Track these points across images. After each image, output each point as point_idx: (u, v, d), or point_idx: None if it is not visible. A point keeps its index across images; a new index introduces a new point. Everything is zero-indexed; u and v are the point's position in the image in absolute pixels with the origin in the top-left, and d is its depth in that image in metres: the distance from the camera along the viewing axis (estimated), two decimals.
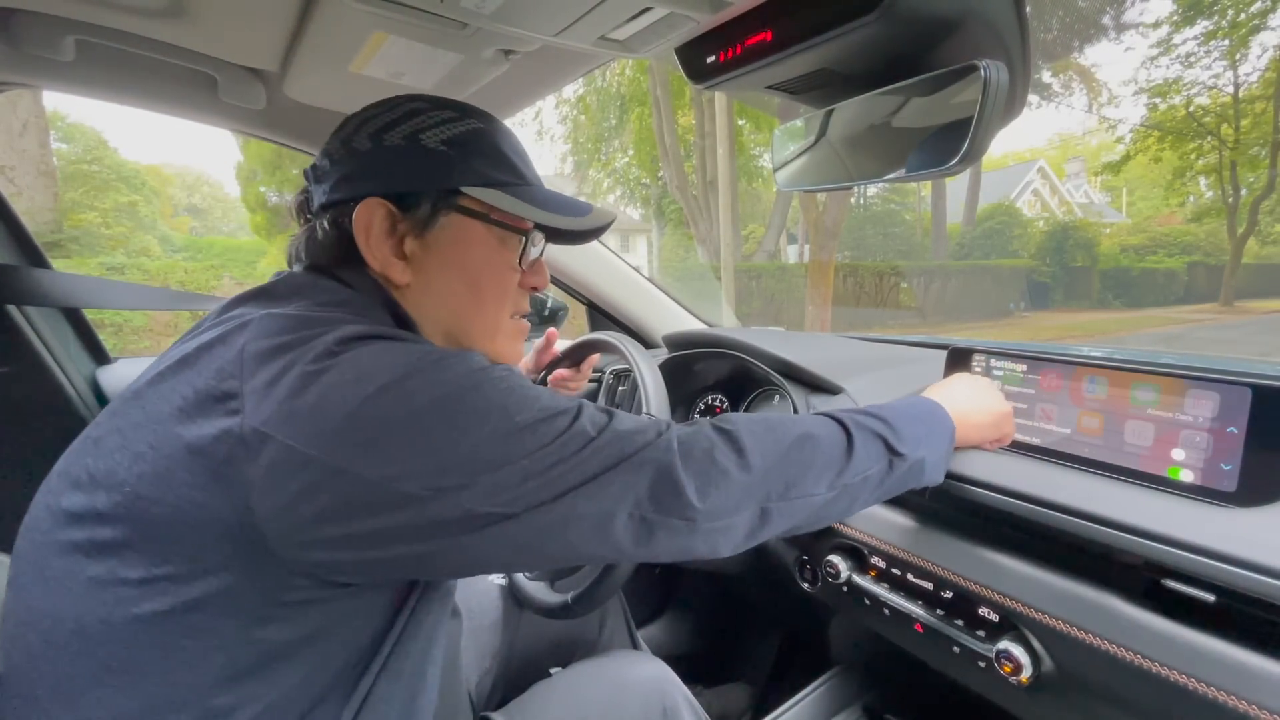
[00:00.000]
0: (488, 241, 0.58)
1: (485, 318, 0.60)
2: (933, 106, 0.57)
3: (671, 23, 0.64)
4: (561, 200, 0.61)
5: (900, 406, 0.65)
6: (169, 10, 0.73)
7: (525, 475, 0.43)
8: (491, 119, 0.60)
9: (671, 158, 11.43)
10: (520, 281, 0.62)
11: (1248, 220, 13.96)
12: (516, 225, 0.58)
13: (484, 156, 0.57)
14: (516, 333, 0.64)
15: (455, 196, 0.56)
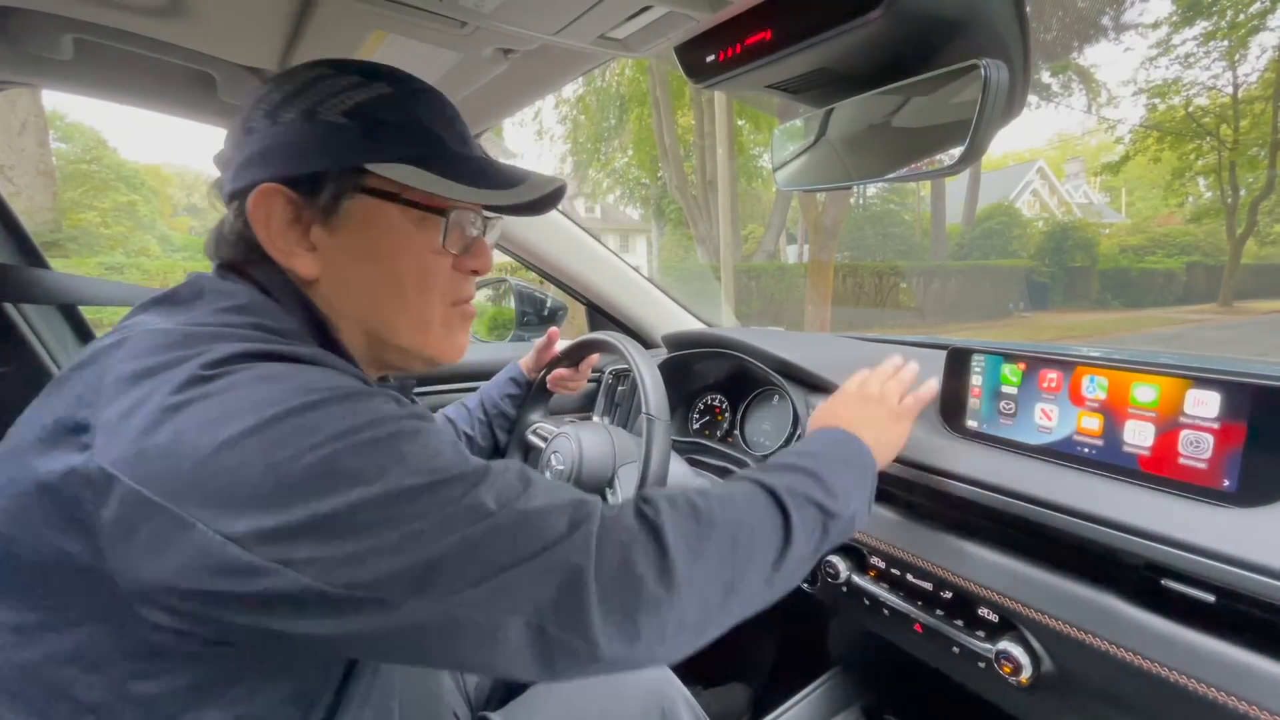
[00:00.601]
0: (403, 225, 0.51)
1: (410, 310, 0.54)
2: (933, 106, 0.57)
3: (671, 21, 0.63)
4: (489, 171, 0.54)
5: (825, 450, 0.60)
6: (168, 9, 0.72)
7: (396, 551, 0.36)
8: (407, 80, 0.53)
9: (671, 158, 11.43)
10: (456, 265, 0.56)
11: (1247, 221, 13.98)
12: (433, 205, 0.52)
13: (393, 126, 0.50)
14: (456, 323, 0.58)
15: (361, 176, 0.49)
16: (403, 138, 0.50)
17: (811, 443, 0.63)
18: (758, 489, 0.53)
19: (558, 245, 1.37)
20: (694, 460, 1.13)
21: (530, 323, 1.40)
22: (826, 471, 0.56)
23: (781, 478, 0.54)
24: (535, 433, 1.06)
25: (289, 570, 0.35)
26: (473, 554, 0.38)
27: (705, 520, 0.47)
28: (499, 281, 1.42)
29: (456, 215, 0.53)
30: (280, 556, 0.35)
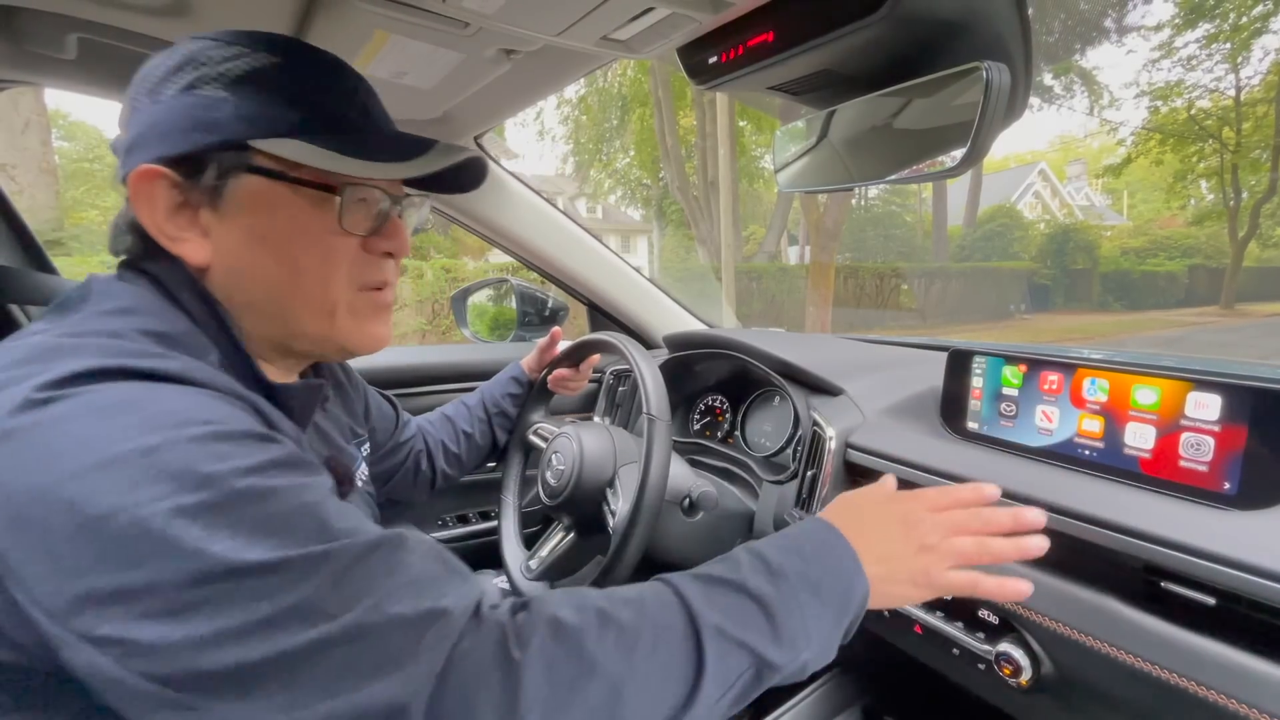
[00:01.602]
0: (296, 205, 0.48)
1: (311, 297, 0.50)
2: (934, 108, 0.57)
3: (674, 23, 0.64)
4: (390, 144, 0.50)
5: (799, 570, 0.48)
6: (172, 9, 0.73)
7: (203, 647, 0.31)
8: (298, 48, 0.49)
9: (673, 158, 11.44)
10: (366, 247, 0.52)
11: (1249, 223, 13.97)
12: (326, 182, 0.48)
13: (279, 98, 0.46)
14: (367, 310, 0.53)
15: (246, 153, 0.46)
16: (290, 110, 0.47)
17: (790, 547, 0.50)
18: (679, 618, 0.42)
19: (559, 245, 1.37)
20: (694, 461, 1.13)
21: (531, 323, 1.40)
22: (784, 605, 0.45)
23: (717, 606, 0.44)
24: (536, 433, 1.06)
25: (86, 646, 0.31)
26: (290, 673, 0.32)
27: (587, 664, 0.38)
28: (500, 282, 1.42)
29: (355, 193, 0.49)
30: (83, 630, 0.31)
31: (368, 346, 0.55)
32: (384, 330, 0.56)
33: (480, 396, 1.08)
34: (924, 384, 0.91)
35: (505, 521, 1.03)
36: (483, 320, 1.47)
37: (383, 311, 0.55)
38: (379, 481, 0.92)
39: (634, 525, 0.76)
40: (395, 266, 0.56)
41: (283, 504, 0.35)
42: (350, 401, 0.77)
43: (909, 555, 0.52)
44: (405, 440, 0.94)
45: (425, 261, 9.45)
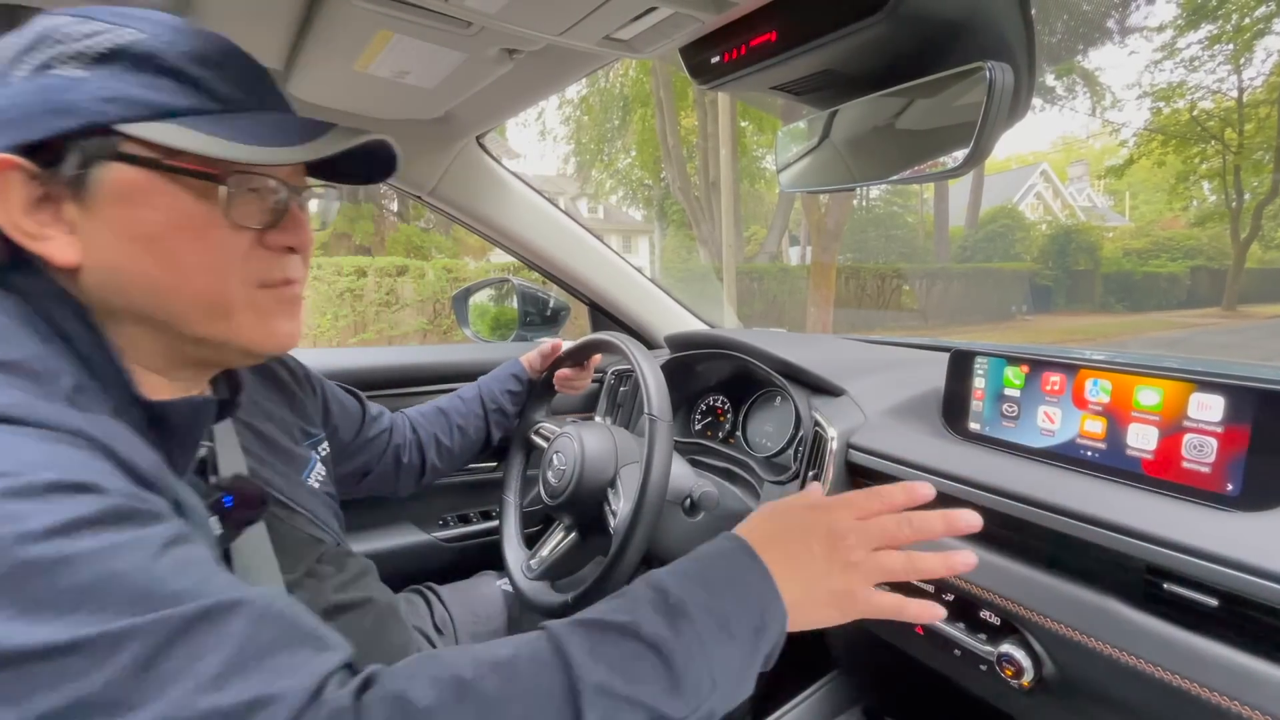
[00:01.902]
0: (174, 195, 0.42)
1: (199, 296, 0.45)
2: (937, 108, 0.57)
3: (676, 23, 0.64)
4: (278, 126, 0.45)
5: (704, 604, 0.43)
6: (175, 9, 0.73)
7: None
8: (168, 21, 0.44)
9: (674, 159, 11.44)
10: (264, 241, 0.47)
11: (1251, 225, 13.95)
12: (206, 170, 0.43)
13: (145, 75, 0.41)
14: (270, 307, 0.48)
15: (113, 139, 0.41)
16: (161, 90, 0.42)
17: (696, 575, 0.45)
18: (556, 679, 0.37)
19: (561, 245, 1.37)
20: (696, 461, 1.13)
21: (533, 323, 1.41)
22: (685, 649, 0.40)
23: (604, 659, 0.38)
24: (538, 432, 1.06)
25: None
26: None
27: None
28: (502, 281, 1.42)
29: (244, 181, 0.44)
30: None
31: (274, 346, 0.50)
32: (291, 327, 0.50)
33: (478, 391, 1.07)
34: (926, 385, 0.91)
35: (506, 521, 1.03)
36: (484, 320, 1.47)
37: (288, 306, 0.50)
38: (353, 478, 0.91)
39: (635, 525, 0.76)
40: (301, 262, 0.51)
41: (83, 572, 0.30)
42: (299, 402, 0.75)
43: (831, 574, 0.47)
44: (377, 435, 0.92)
45: (427, 261, 9.47)
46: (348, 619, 0.64)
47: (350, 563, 0.69)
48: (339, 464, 0.82)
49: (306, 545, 0.64)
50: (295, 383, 0.76)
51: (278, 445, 0.66)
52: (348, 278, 8.44)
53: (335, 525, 0.71)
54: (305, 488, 0.68)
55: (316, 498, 0.68)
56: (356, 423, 0.89)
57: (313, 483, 0.69)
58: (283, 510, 0.63)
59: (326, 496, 0.71)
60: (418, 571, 1.12)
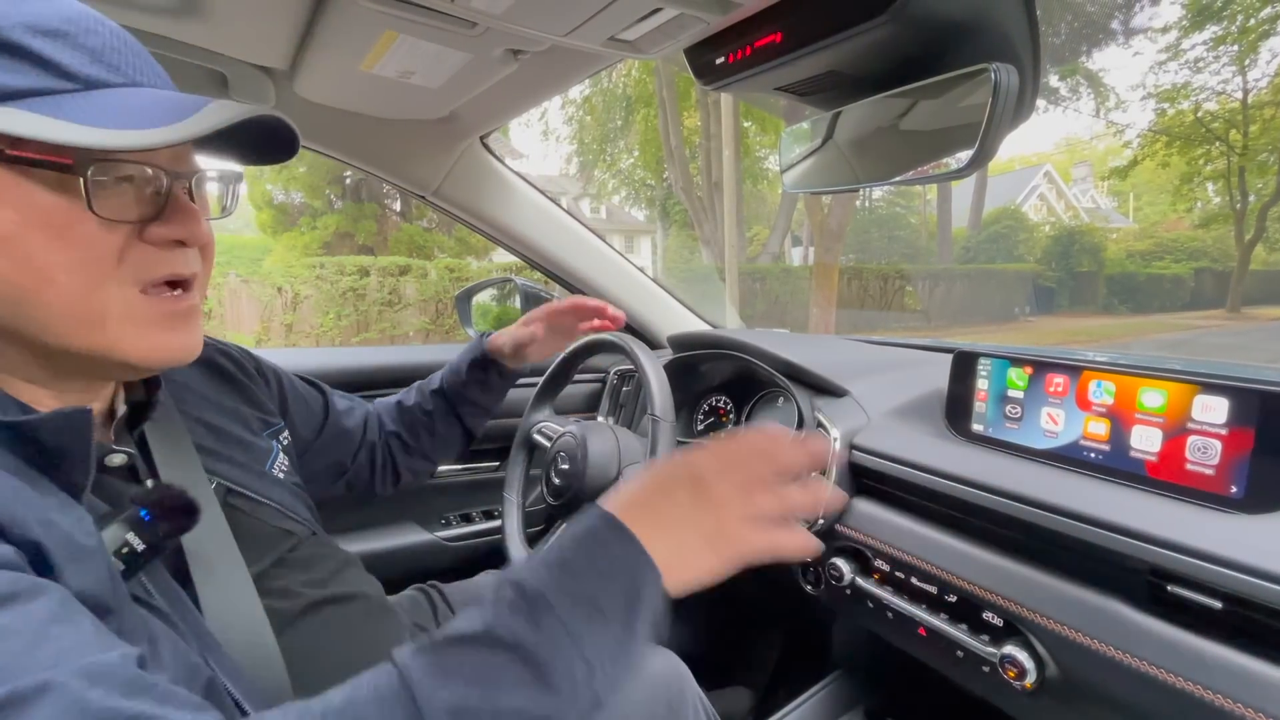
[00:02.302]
0: (22, 188, 0.37)
1: (66, 305, 0.39)
2: (942, 109, 0.57)
3: (681, 24, 0.64)
4: (140, 104, 0.39)
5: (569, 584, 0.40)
6: (182, 9, 0.73)
7: None
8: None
9: (677, 159, 11.44)
10: (143, 235, 0.41)
11: (1255, 226, 13.90)
12: (54, 159, 0.37)
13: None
14: (156, 315, 0.43)
15: None
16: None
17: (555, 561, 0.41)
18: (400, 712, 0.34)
19: (564, 245, 1.37)
20: None
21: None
22: (551, 641, 0.37)
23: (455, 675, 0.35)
24: (540, 432, 1.06)
25: None
26: None
27: None
28: (504, 281, 1.42)
29: (109, 169, 0.39)
30: None
31: (163, 360, 0.44)
32: (185, 339, 0.45)
33: (439, 382, 0.95)
34: (929, 386, 0.91)
35: (509, 521, 1.03)
36: (486, 319, 1.47)
37: (181, 318, 0.44)
38: (330, 477, 0.86)
39: None
40: (196, 257, 0.45)
41: None
42: (250, 393, 0.71)
43: (701, 518, 0.44)
44: (349, 428, 0.86)
45: (430, 261, 9.48)
46: (333, 614, 0.63)
47: (329, 555, 0.67)
48: (306, 461, 0.79)
49: (275, 537, 0.62)
50: (244, 374, 0.72)
51: (233, 437, 0.64)
52: (350, 277, 8.45)
53: (307, 515, 0.68)
54: (269, 478, 0.65)
55: (283, 488, 0.66)
56: (320, 416, 0.83)
57: (277, 473, 0.67)
58: (246, 503, 0.61)
59: (294, 486, 0.69)
60: (420, 571, 1.12)
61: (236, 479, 0.61)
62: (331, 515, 0.73)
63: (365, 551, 1.16)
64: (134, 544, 0.42)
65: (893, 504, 0.80)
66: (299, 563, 0.63)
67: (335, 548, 0.69)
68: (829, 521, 0.84)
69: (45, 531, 0.34)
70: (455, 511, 1.31)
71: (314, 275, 8.37)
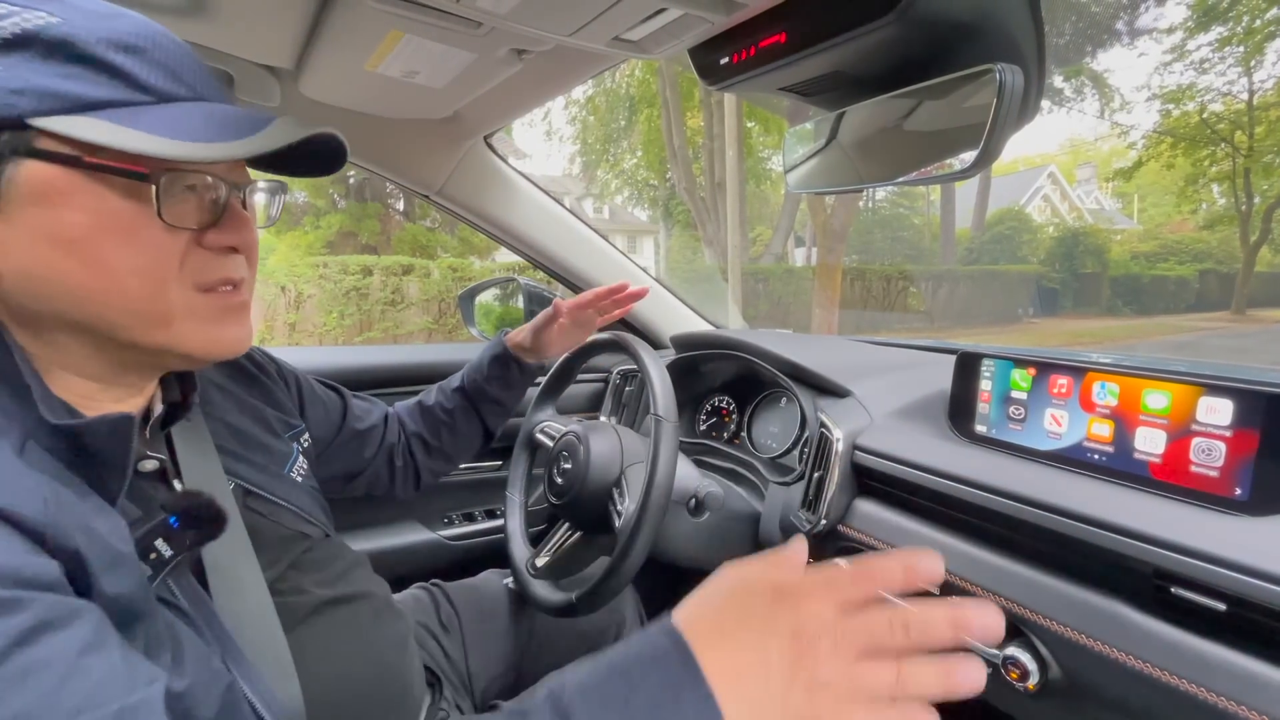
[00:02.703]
0: (99, 195, 0.39)
1: (134, 303, 0.42)
2: (946, 110, 0.57)
3: (686, 24, 0.64)
4: (211, 119, 0.42)
5: None
6: (189, 9, 0.73)
7: None
8: (78, 4, 0.40)
9: (680, 159, 11.44)
10: (203, 242, 0.44)
11: (1261, 228, 13.83)
12: (132, 167, 0.39)
13: (59, 64, 0.38)
14: (215, 312, 0.46)
15: (25, 134, 0.37)
16: (76, 79, 0.38)
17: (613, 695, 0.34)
18: None
19: (567, 245, 1.37)
20: (701, 461, 1.13)
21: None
22: None
23: None
24: (543, 431, 1.07)
25: None
26: None
27: None
28: (508, 281, 1.42)
29: (178, 179, 0.41)
30: None
31: (220, 352, 0.47)
32: (238, 331, 0.48)
33: (461, 381, 0.97)
34: (932, 386, 0.91)
35: (511, 520, 1.03)
36: (489, 319, 1.47)
37: (233, 313, 0.47)
38: (344, 478, 0.87)
39: (640, 525, 0.76)
40: (244, 262, 0.48)
41: None
42: (272, 395, 0.72)
43: (792, 694, 0.33)
44: (365, 430, 0.87)
45: (433, 260, 9.50)
46: (341, 613, 0.63)
47: (341, 555, 0.68)
48: (322, 462, 0.79)
49: (291, 540, 0.62)
50: (265, 375, 0.73)
51: (255, 440, 0.64)
52: (354, 276, 8.47)
53: (323, 517, 0.69)
54: (288, 481, 0.66)
55: (301, 490, 0.67)
56: (337, 419, 0.84)
57: (295, 476, 0.67)
58: (266, 505, 0.61)
59: (311, 489, 0.70)
60: (423, 569, 1.12)
61: (256, 481, 0.62)
62: (337, 515, 0.73)
63: (369, 550, 1.16)
64: (162, 550, 0.43)
65: (895, 505, 0.80)
66: (312, 563, 0.63)
67: (346, 548, 0.70)
68: (830, 523, 0.84)
69: (85, 539, 0.35)
70: (458, 510, 1.32)
71: (317, 274, 8.40)
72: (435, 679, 0.80)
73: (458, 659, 0.87)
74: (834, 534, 0.85)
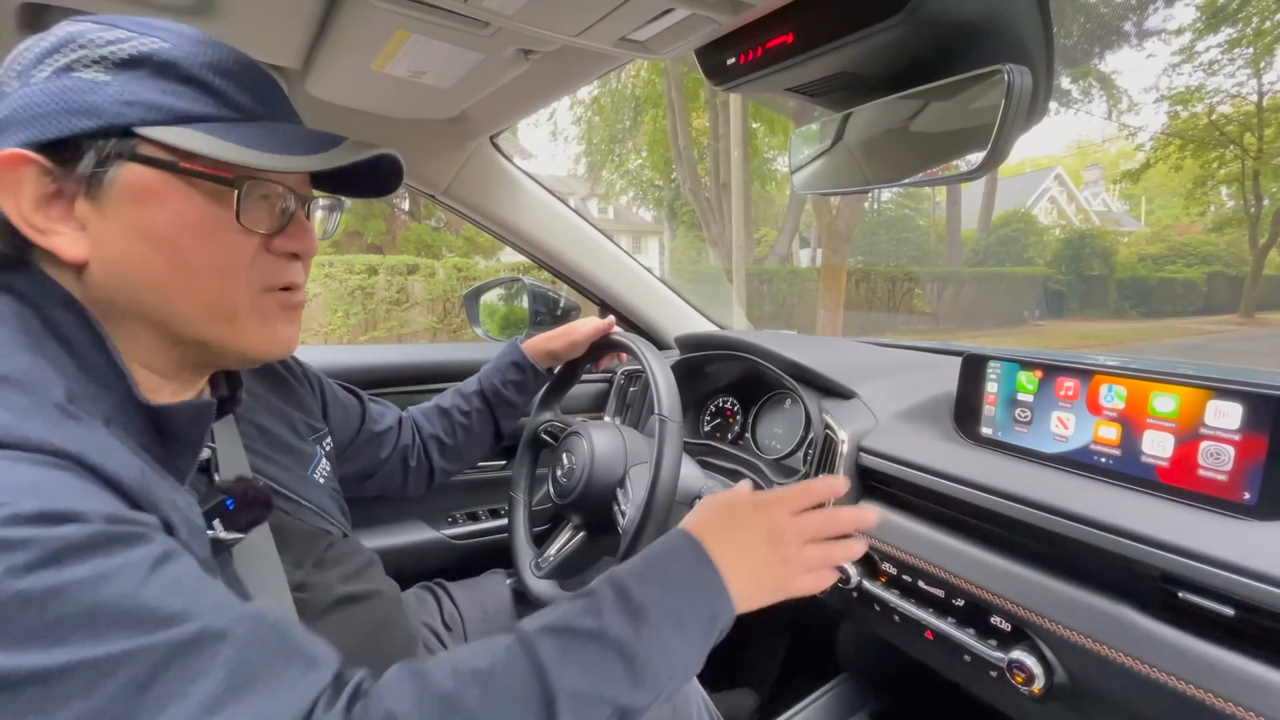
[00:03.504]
0: (187, 197, 0.44)
1: (205, 298, 0.46)
2: (954, 110, 0.56)
3: (693, 24, 0.64)
4: (288, 135, 0.47)
5: (661, 602, 0.48)
6: (196, 8, 0.74)
7: None
8: (185, 31, 0.46)
9: (685, 160, 11.44)
10: (270, 247, 0.48)
11: (1270, 231, 13.74)
12: (220, 174, 0.44)
13: (165, 82, 0.43)
14: (274, 312, 0.50)
15: (130, 141, 0.42)
16: (180, 96, 0.43)
17: (655, 574, 0.50)
18: (533, 688, 0.41)
19: (572, 245, 1.37)
20: (705, 462, 1.13)
21: (543, 322, 1.41)
22: (647, 646, 0.45)
23: (574, 663, 0.43)
24: (547, 431, 1.07)
25: None
26: None
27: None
28: (513, 281, 1.43)
29: (255, 188, 0.46)
30: None
31: (275, 351, 0.51)
32: (292, 332, 0.52)
33: (479, 385, 1.02)
34: (937, 388, 0.90)
35: (515, 519, 1.04)
36: (494, 319, 1.48)
37: (291, 312, 0.51)
38: (358, 479, 0.89)
39: (644, 525, 0.76)
40: (303, 269, 0.53)
41: (73, 602, 0.31)
42: (299, 397, 0.75)
43: (772, 567, 0.54)
44: (381, 432, 0.90)
45: (438, 260, 9.52)
46: (354, 610, 0.65)
47: (358, 553, 0.70)
48: (340, 463, 0.82)
49: (315, 538, 0.65)
50: (293, 378, 0.76)
51: (281, 441, 0.67)
52: (359, 275, 8.50)
53: (342, 517, 0.71)
54: (311, 481, 0.68)
55: (323, 491, 0.69)
56: (356, 421, 0.87)
57: (318, 477, 0.70)
58: (290, 505, 0.64)
59: (333, 490, 0.72)
60: (427, 569, 1.12)
61: (282, 481, 0.64)
62: None
63: (373, 549, 1.16)
64: (218, 531, 0.48)
65: (900, 507, 0.80)
66: (330, 561, 0.65)
67: (361, 546, 0.72)
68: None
69: (172, 510, 0.40)
70: (462, 510, 1.32)
71: (323, 273, 8.42)
72: None
73: None
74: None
